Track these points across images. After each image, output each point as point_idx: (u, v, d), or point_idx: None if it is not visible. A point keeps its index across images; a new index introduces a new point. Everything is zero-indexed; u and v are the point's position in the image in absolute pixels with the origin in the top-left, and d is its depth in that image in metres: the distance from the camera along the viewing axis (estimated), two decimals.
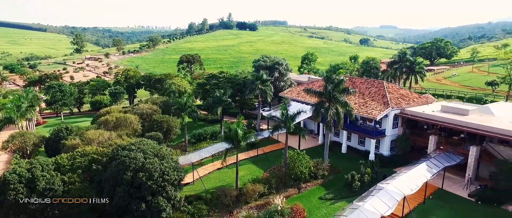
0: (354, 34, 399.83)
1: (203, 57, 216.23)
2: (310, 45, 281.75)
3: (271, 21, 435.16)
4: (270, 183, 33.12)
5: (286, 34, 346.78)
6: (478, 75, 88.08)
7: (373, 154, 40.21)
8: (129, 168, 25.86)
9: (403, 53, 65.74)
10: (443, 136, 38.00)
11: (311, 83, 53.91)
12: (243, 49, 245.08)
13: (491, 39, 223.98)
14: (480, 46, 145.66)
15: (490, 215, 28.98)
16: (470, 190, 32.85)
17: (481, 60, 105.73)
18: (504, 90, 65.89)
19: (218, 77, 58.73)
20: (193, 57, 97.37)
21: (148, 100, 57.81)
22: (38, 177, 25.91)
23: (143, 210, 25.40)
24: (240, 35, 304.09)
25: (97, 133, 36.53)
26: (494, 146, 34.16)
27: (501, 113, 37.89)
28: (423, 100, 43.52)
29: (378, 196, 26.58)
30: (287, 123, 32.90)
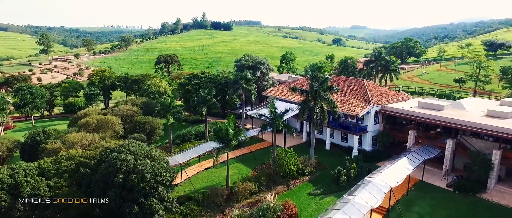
0: (326, 34, 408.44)
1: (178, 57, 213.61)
2: (285, 45, 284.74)
3: (245, 21, 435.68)
4: (260, 181, 33.53)
5: (260, 34, 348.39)
6: (446, 73, 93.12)
7: (356, 150, 41.62)
8: (120, 170, 25.33)
9: (378, 52, 68.31)
10: (421, 131, 40.04)
11: (293, 82, 54.86)
12: (218, 49, 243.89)
13: (454, 39, 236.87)
14: (445, 46, 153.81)
15: (467, 203, 30.92)
16: (447, 180, 34.89)
17: (448, 59, 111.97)
18: (471, 87, 70.15)
19: (200, 77, 58.35)
20: (171, 57, 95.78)
21: (128, 102, 56.43)
22: (22, 182, 24.82)
23: (136, 212, 24.98)
24: (215, 35, 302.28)
25: (80, 135, 35.34)
26: (467, 138, 36.43)
27: (472, 108, 40.40)
28: (401, 97, 45.56)
29: (367, 189, 27.65)
30: (276, 121, 33.39)
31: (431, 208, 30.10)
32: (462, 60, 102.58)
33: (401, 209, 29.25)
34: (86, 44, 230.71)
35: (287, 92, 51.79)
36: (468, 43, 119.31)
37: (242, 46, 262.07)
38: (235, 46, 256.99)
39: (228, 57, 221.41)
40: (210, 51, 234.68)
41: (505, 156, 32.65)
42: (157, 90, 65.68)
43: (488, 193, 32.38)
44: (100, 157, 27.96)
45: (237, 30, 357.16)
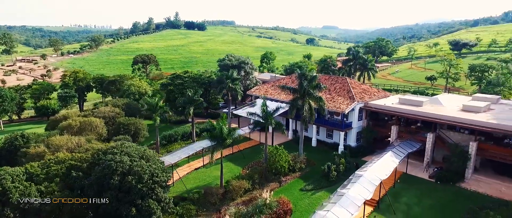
0: (300, 34, 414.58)
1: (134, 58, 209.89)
2: (260, 44, 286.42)
3: (219, 21, 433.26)
4: (253, 178, 33.88)
5: (235, 34, 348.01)
6: (417, 71, 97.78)
7: (342, 146, 42.97)
8: (116, 172, 24.81)
9: (356, 52, 70.65)
10: (402, 126, 42.02)
11: (277, 81, 55.66)
12: (193, 49, 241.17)
13: (421, 38, 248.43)
14: (414, 45, 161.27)
15: (448, 192, 32.93)
16: (429, 172, 36.91)
17: (418, 58, 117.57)
18: (441, 84, 74.22)
19: (183, 77, 57.71)
20: (148, 57, 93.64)
21: (108, 103, 54.77)
22: (10, 188, 23.67)
23: (133, 214, 24.57)
24: (189, 35, 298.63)
25: (65, 138, 34.07)
26: (445, 132, 38.72)
27: (448, 103, 42.87)
28: (382, 94, 47.52)
29: (359, 182, 28.76)
30: (268, 119, 33.87)
31: (417, 198, 31.78)
32: (431, 59, 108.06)
33: (390, 200, 30.62)
34: (53, 44, 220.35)
35: (273, 91, 52.50)
36: (435, 42, 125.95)
37: (217, 46, 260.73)
38: (210, 46, 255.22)
39: (203, 57, 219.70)
40: (185, 51, 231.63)
41: (480, 148, 35.01)
42: (138, 91, 64.19)
43: (466, 182, 34.61)
44: (93, 160, 27.20)
45: (211, 30, 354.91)
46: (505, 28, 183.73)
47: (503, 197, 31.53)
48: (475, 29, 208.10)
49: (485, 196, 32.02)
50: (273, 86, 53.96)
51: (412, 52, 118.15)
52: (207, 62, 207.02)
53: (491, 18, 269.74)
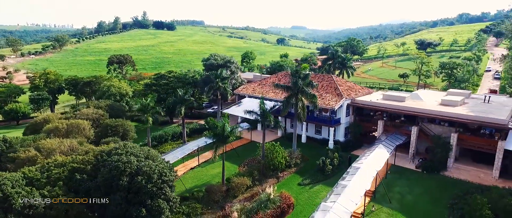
0: (270, 34, 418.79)
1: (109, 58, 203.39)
2: (231, 44, 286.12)
3: (189, 21, 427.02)
4: (253, 175, 34.45)
5: (205, 34, 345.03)
6: (388, 69, 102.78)
7: (332, 141, 44.63)
8: (124, 173, 24.39)
9: (335, 50, 73.21)
10: (387, 120, 44.39)
11: (264, 80, 56.49)
12: (164, 49, 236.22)
13: (386, 38, 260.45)
14: (381, 45, 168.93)
15: (434, 180, 35.44)
16: (415, 163, 39.39)
17: (389, 56, 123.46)
18: (413, 81, 78.75)
19: (168, 77, 56.96)
20: (124, 57, 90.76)
21: (90, 105, 52.83)
22: (12, 194, 22.57)
23: (144, 215, 24.29)
24: (159, 35, 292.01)
25: (56, 141, 32.68)
26: (427, 125, 41.47)
27: (426, 98, 45.90)
28: (366, 91, 49.84)
29: (358, 174, 30.26)
30: (267, 117, 34.58)
31: (408, 187, 33.91)
32: (400, 58, 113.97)
33: (385, 190, 32.43)
34: (11, 44, 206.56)
35: (261, 90, 53.25)
36: (403, 42, 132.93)
37: (189, 46, 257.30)
38: (182, 46, 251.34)
39: (175, 57, 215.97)
40: (156, 52, 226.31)
41: (460, 138, 37.93)
42: (118, 92, 62.35)
43: (448, 171, 37.38)
44: (96, 162, 26.48)
45: (181, 30, 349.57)
46: (461, 28, 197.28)
47: (482, 182, 34.45)
48: (435, 29, 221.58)
49: (467, 182, 34.82)
50: (260, 85, 54.73)
51: (382, 51, 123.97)
52: (180, 63, 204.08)
53: (447, 20, 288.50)
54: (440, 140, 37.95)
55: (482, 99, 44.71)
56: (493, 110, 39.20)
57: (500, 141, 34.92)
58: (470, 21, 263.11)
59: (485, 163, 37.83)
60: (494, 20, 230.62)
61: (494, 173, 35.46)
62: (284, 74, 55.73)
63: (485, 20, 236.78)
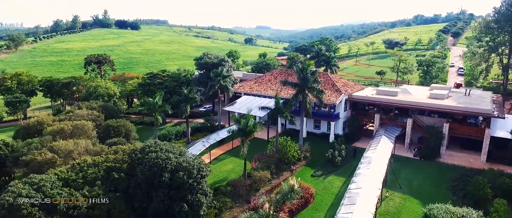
0: (236, 34, 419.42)
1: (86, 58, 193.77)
2: (200, 44, 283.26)
3: (153, 20, 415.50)
4: (270, 169, 35.65)
5: (172, 33, 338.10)
6: (363, 67, 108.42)
7: (332, 135, 46.96)
8: (165, 169, 24.56)
9: (319, 49, 76.22)
10: (382, 114, 47.61)
11: (259, 78, 57.71)
12: (131, 49, 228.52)
13: (350, 38, 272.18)
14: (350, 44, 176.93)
15: (432, 167, 38.92)
16: (412, 152, 42.81)
17: (361, 55, 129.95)
18: (389, 78, 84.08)
19: (162, 77, 56.28)
20: (103, 57, 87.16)
21: (83, 106, 50.84)
22: (54, 195, 22.00)
23: (186, 210, 24.65)
24: (123, 34, 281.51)
25: (71, 143, 31.63)
26: (419, 117, 45.16)
27: (415, 92, 49.87)
28: (359, 87, 52.90)
29: (372, 164, 32.67)
30: (283, 112, 35.92)
31: (412, 174, 37.01)
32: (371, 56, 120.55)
33: (396, 177, 35.11)
34: None
35: (258, 88, 54.40)
36: (372, 41, 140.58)
37: (156, 46, 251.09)
38: (149, 46, 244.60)
39: (143, 57, 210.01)
40: (122, 52, 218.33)
41: (451, 127, 41.83)
42: (106, 93, 60.36)
43: (442, 157, 41.14)
44: (130, 160, 26.27)
45: (145, 29, 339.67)
46: (419, 29, 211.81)
47: (473, 166, 38.45)
48: (395, 30, 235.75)
49: (460, 167, 38.63)
50: (256, 83, 55.88)
51: (354, 50, 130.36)
52: (149, 63, 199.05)
53: (405, 20, 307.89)
54: (434, 129, 41.61)
55: (463, 92, 49.46)
56: (476, 101, 43.75)
57: (487, 129, 39.17)
58: (424, 22, 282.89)
59: (472, 149, 42.11)
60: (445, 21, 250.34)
61: (482, 157, 39.68)
62: (279, 72, 57.41)
63: (439, 21, 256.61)
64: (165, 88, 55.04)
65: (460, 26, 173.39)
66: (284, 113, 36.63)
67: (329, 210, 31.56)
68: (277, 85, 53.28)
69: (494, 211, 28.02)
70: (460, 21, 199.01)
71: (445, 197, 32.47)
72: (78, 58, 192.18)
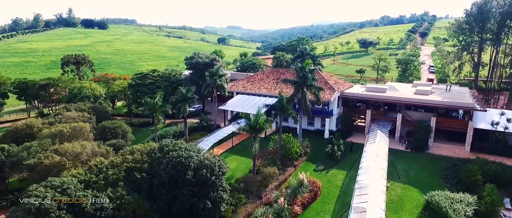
0: (208, 33, 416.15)
1: (53, 59, 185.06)
2: (172, 44, 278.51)
3: (121, 20, 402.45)
4: (276, 165, 36.55)
5: (142, 33, 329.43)
6: (340, 66, 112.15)
7: (327, 131, 48.68)
8: (189, 167, 24.73)
9: (304, 48, 78.09)
10: (373, 110, 50.03)
11: (251, 77, 58.38)
12: (101, 49, 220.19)
13: (322, 38, 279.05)
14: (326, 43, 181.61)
15: (423, 158, 41.61)
16: (403, 145, 45.42)
17: (338, 54, 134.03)
18: (369, 76, 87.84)
19: (154, 77, 55.45)
20: (82, 58, 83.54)
21: (72, 108, 49.01)
22: (80, 197, 21.56)
23: (210, 207, 24.97)
24: (90, 34, 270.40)
25: (79, 145, 30.73)
26: (406, 112, 47.98)
27: (401, 89, 52.80)
28: (348, 85, 55.11)
29: (375, 157, 34.53)
30: (288, 110, 36.93)
31: (408, 165, 39.41)
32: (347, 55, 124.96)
33: (395, 167, 37.24)
34: None
35: (251, 86, 55.06)
36: (348, 41, 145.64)
37: (127, 46, 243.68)
38: (120, 46, 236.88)
39: (115, 58, 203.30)
40: (92, 52, 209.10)
41: (438, 121, 44.85)
42: (92, 94, 58.41)
43: (430, 149, 44.04)
44: (150, 160, 26.10)
45: (114, 29, 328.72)
46: (387, 29, 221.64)
47: (459, 156, 41.53)
48: (365, 30, 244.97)
49: (448, 157, 41.60)
50: (249, 82, 56.50)
51: (331, 49, 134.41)
52: (121, 64, 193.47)
53: (373, 21, 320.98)
54: (423, 123, 44.44)
55: (444, 88, 53.08)
56: (458, 96, 47.24)
57: (470, 121, 42.50)
58: (391, 23, 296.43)
59: (456, 141, 45.39)
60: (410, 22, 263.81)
61: (466, 148, 43.00)
62: (271, 71, 58.48)
63: (405, 22, 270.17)
64: (156, 89, 54.20)
65: (426, 27, 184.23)
66: (288, 110, 37.65)
67: (337, 201, 33.03)
68: (270, 84, 54.29)
69: (487, 194, 30.71)
70: (425, 22, 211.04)
71: (439, 185, 34.92)
72: (45, 59, 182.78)
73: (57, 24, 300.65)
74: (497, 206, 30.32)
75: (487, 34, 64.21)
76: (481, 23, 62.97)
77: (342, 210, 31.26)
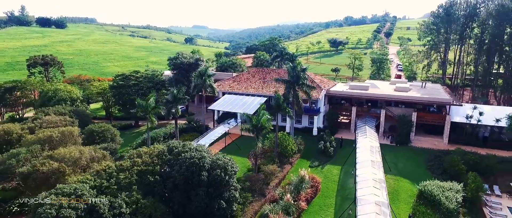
0: (174, 33, 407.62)
1: (8, 60, 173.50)
2: (138, 44, 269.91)
3: (80, 18, 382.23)
4: (275, 162, 37.14)
5: (104, 33, 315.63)
6: (314, 65, 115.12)
7: (316, 128, 50.10)
8: (204, 168, 24.59)
9: (283, 48, 79.44)
10: (357, 106, 52.20)
11: (237, 77, 58.53)
12: (61, 50, 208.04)
13: (290, 38, 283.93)
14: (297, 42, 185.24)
15: (408, 151, 44.28)
16: (388, 139, 47.90)
17: (311, 53, 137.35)
18: (344, 74, 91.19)
19: (137, 77, 53.79)
20: (51, 58, 78.23)
21: (50, 112, 46.26)
22: (98, 204, 20.75)
23: (224, 207, 25.03)
24: (47, 33, 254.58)
25: (77, 150, 29.29)
26: (388, 108, 50.66)
27: (381, 86, 55.63)
28: (332, 83, 57.03)
29: (368, 151, 36.20)
30: (285, 109, 37.60)
31: (396, 158, 41.75)
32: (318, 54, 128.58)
33: (386, 160, 39.19)
34: None
35: (238, 86, 55.18)
36: (318, 40, 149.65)
37: (90, 46, 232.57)
38: (82, 47, 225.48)
39: (78, 59, 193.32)
40: (51, 53, 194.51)
41: (418, 116, 47.81)
42: (69, 97, 55.44)
43: (412, 142, 46.90)
44: (161, 162, 25.56)
45: (73, 28, 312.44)
46: (353, 29, 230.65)
47: (439, 148, 44.69)
48: (331, 30, 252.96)
49: (429, 149, 44.59)
50: (235, 82, 56.58)
51: (304, 49, 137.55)
52: (85, 65, 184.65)
53: (337, 21, 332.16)
54: (405, 118, 47.20)
55: (419, 85, 56.62)
56: (434, 92, 50.70)
57: (447, 115, 45.83)
58: (354, 23, 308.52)
59: (434, 134, 48.70)
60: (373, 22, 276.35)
61: (444, 140, 46.31)
62: (257, 71, 59.01)
63: (368, 22, 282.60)
64: (140, 90, 52.66)
65: (390, 27, 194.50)
66: (285, 108, 38.37)
67: (337, 195, 34.29)
68: (257, 84, 54.78)
69: (471, 182, 33.47)
70: (388, 22, 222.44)
71: (426, 175, 37.46)
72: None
73: (8, 22, 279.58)
74: (480, 192, 33.20)
75: (452, 34, 69.25)
76: (447, 24, 67.77)
77: (344, 203, 32.58)
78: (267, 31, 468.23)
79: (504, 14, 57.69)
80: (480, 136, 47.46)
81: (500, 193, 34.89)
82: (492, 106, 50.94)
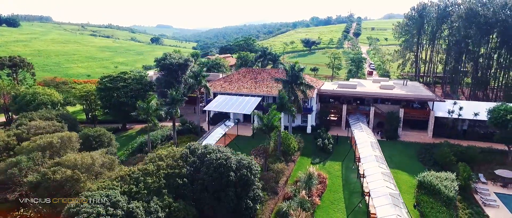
0: (137, 33, 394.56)
1: None
2: (101, 44, 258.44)
3: (34, 17, 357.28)
4: (280, 161, 37.81)
5: (63, 32, 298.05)
6: None
7: (309, 126, 51.44)
8: (231, 168, 24.65)
9: (266, 48, 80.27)
10: (347, 104, 54.29)
11: (228, 77, 58.41)
12: (17, 50, 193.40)
13: (259, 37, 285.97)
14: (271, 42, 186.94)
15: (398, 145, 46.89)
16: (379, 135, 50.35)
17: (287, 53, 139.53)
18: (323, 73, 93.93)
19: (125, 79, 51.93)
20: (20, 60, 72.45)
21: (35, 117, 43.42)
22: (134, 209, 20.19)
23: (251, 206, 25.29)
24: None
25: (87, 156, 27.98)
26: (376, 105, 53.28)
27: (367, 85, 58.24)
28: (321, 83, 58.76)
29: (368, 146, 38.05)
30: (289, 107, 38.34)
31: (390, 151, 43.98)
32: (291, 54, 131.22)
33: None
34: None
35: (229, 86, 55.11)
36: (292, 41, 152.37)
37: (49, 46, 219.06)
38: (40, 47, 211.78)
39: (36, 60, 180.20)
40: (6, 53, 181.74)
41: (405, 112, 50.75)
42: (50, 101, 52.24)
43: (400, 137, 49.71)
44: (183, 164, 25.18)
45: (27, 27, 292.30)
46: (321, 29, 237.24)
47: (425, 141, 47.80)
48: (300, 30, 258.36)
49: (416, 142, 47.58)
50: (226, 82, 56.46)
51: (279, 49, 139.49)
52: (46, 66, 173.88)
53: (304, 22, 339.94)
54: (393, 114, 49.92)
55: (401, 83, 60.02)
56: (415, 90, 54.05)
57: (431, 111, 49.17)
58: (320, 23, 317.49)
59: (418, 128, 51.96)
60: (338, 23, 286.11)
61: (429, 134, 49.61)
62: (247, 71, 59.26)
63: (334, 22, 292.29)
64: (130, 92, 50.92)
65: (357, 28, 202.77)
66: (289, 108, 39.13)
67: (344, 190, 35.62)
68: (250, 84, 55.09)
69: (462, 171, 36.35)
70: (354, 23, 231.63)
71: (420, 167, 40.06)
72: None
73: None
74: (471, 180, 36.18)
75: (425, 35, 74.08)
76: (420, 26, 72.38)
77: (352, 197, 34.03)
78: (233, 31, 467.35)
79: (472, 16, 62.85)
80: (459, 129, 51.35)
81: (485, 180, 38.08)
82: (467, 102, 55.29)
